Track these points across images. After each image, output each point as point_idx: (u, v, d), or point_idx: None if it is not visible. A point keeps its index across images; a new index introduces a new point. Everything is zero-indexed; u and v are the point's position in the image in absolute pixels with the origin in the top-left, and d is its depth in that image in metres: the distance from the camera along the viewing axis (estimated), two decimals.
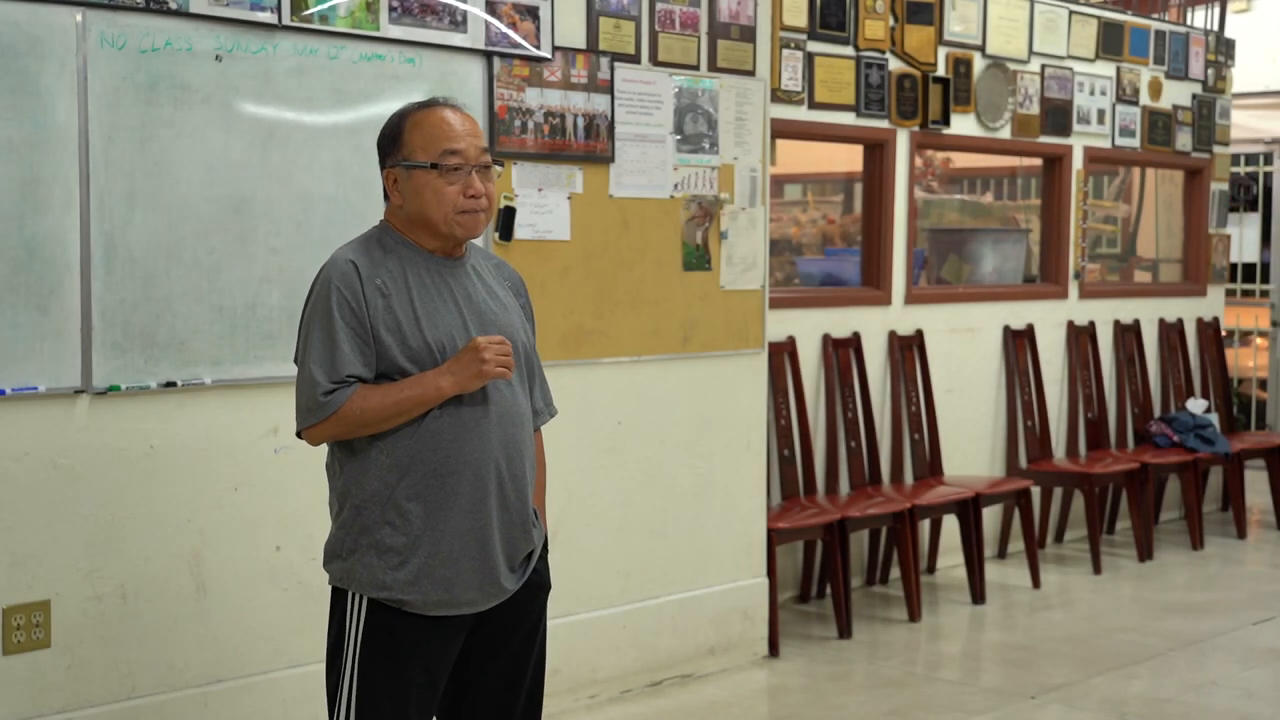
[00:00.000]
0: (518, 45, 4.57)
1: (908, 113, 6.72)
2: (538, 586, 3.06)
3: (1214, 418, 8.06)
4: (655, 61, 4.99)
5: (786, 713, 4.95)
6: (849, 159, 7.21)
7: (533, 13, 4.60)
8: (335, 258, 2.93)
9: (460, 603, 2.91)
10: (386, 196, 3.01)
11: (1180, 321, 8.43)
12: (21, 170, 3.63)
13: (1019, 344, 7.36)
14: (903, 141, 6.74)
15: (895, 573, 6.62)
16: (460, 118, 2.96)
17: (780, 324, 6.14)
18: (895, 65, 6.66)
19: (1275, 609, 6.34)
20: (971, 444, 7.18)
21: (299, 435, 2.92)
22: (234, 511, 4.04)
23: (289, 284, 4.07)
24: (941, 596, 6.48)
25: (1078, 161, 7.70)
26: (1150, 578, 6.98)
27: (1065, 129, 7.56)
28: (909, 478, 6.75)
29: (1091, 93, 7.71)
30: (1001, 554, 7.24)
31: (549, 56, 4.67)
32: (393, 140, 2.97)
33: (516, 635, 3.03)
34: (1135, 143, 8.05)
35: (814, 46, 6.27)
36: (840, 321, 6.55)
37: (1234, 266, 9.91)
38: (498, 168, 3.02)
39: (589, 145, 4.80)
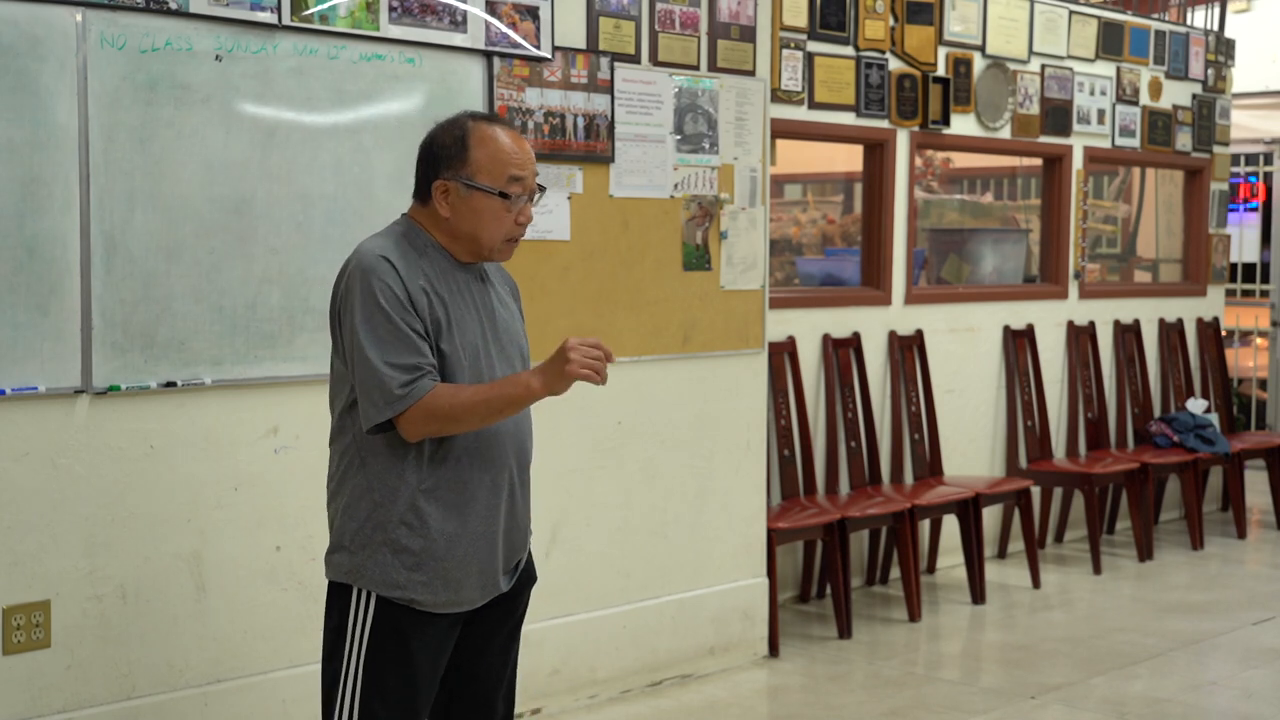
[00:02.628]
0: (518, 45, 4.57)
1: (908, 113, 6.72)
2: (528, 579, 3.13)
3: (1214, 418, 8.06)
4: (655, 61, 4.99)
5: (786, 713, 4.95)
6: (849, 159, 7.21)
7: (533, 13, 4.60)
8: (368, 252, 2.88)
9: (463, 601, 2.95)
10: (422, 197, 2.97)
11: (1180, 321, 8.43)
12: (21, 170, 3.63)
13: (1019, 344, 7.36)
14: (903, 141, 6.74)
15: (895, 573, 6.62)
16: (520, 142, 2.96)
17: (780, 324, 6.15)
18: (895, 65, 6.66)
19: (1275, 609, 6.34)
20: (971, 444, 7.18)
21: (374, 430, 2.84)
22: (234, 511, 4.04)
23: (289, 284, 4.08)
24: (941, 596, 6.48)
25: (1078, 161, 7.70)
26: (1150, 578, 6.98)
27: (1065, 129, 7.56)
28: (909, 478, 6.75)
29: (1091, 93, 7.71)
30: (1001, 554, 7.25)
31: (549, 56, 4.66)
32: (454, 152, 2.92)
33: (505, 627, 3.09)
34: (1135, 143, 8.05)
35: (814, 46, 6.27)
36: (840, 321, 6.55)
37: (1234, 266, 9.91)
38: (543, 192, 3.02)
39: (589, 145, 4.80)
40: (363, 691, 2.89)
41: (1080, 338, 7.74)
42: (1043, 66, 7.40)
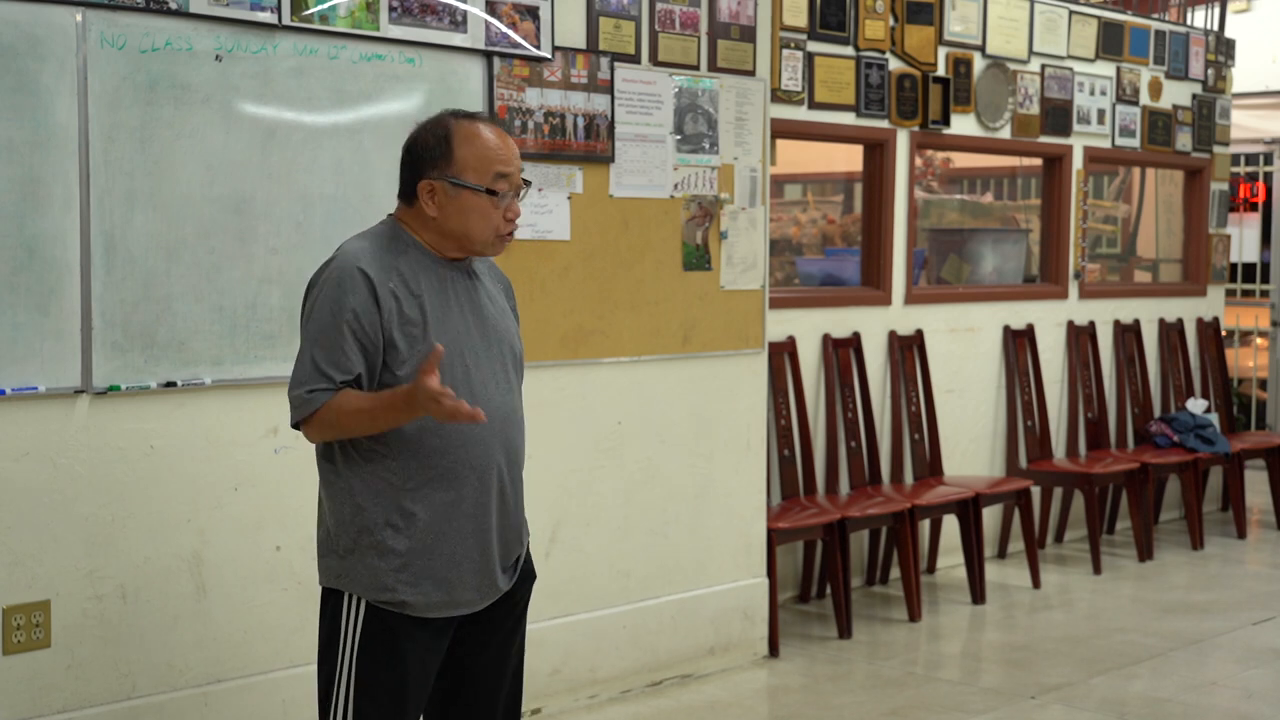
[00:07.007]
0: (518, 45, 4.57)
1: (908, 113, 6.72)
2: (525, 576, 3.10)
3: (1214, 418, 8.06)
4: (655, 61, 4.99)
5: (786, 713, 4.95)
6: (849, 159, 7.21)
7: (533, 13, 4.60)
8: (345, 258, 2.88)
9: (459, 603, 2.93)
10: (407, 197, 2.96)
11: (1180, 321, 8.43)
12: (21, 170, 3.63)
13: (1019, 344, 7.36)
14: (903, 141, 6.74)
15: (895, 573, 6.62)
16: (504, 138, 2.95)
17: (780, 324, 6.15)
18: (895, 65, 6.66)
19: (1275, 609, 6.34)
20: (971, 444, 7.18)
21: (295, 427, 2.91)
22: (234, 511, 4.04)
23: (289, 284, 4.07)
24: (941, 596, 6.48)
25: (1078, 161, 7.70)
26: (1150, 578, 6.98)
27: (1065, 129, 7.56)
28: (909, 478, 6.75)
29: (1091, 93, 7.71)
30: (1001, 554, 7.24)
31: (549, 56, 4.67)
32: (439, 151, 2.90)
33: (504, 625, 3.06)
34: (1135, 143, 8.05)
35: (814, 46, 6.27)
36: (840, 321, 6.55)
37: (1234, 266, 9.91)
38: (528, 187, 3.01)
39: (589, 145, 4.80)
40: (355, 696, 2.89)
41: (1080, 338, 7.74)
42: (1043, 66, 7.40)
